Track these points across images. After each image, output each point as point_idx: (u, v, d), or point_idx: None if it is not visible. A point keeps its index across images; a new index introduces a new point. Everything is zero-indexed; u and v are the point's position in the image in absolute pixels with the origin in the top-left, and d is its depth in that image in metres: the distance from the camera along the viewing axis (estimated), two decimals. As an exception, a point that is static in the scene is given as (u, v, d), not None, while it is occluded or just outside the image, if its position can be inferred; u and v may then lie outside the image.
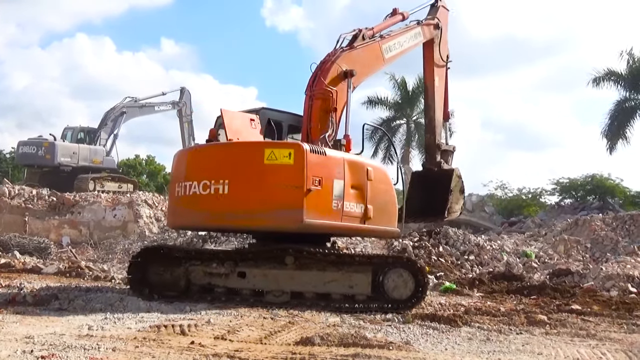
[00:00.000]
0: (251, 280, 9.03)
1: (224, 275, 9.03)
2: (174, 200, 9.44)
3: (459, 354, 6.38)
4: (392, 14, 11.90)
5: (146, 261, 9.23)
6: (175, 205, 9.45)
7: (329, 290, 9.00)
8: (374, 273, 9.01)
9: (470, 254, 16.93)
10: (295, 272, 8.98)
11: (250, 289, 9.05)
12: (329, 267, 9.03)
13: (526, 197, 37.89)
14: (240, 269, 9.04)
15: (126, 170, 45.07)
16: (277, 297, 8.91)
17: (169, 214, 10.39)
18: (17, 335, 6.29)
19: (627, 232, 20.24)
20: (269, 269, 9.01)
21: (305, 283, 8.98)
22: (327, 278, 8.98)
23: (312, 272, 9.00)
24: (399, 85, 38.75)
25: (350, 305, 8.94)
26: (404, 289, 8.94)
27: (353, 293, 8.99)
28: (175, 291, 9.06)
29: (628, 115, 33.07)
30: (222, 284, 9.06)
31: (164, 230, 21.69)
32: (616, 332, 8.10)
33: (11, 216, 21.78)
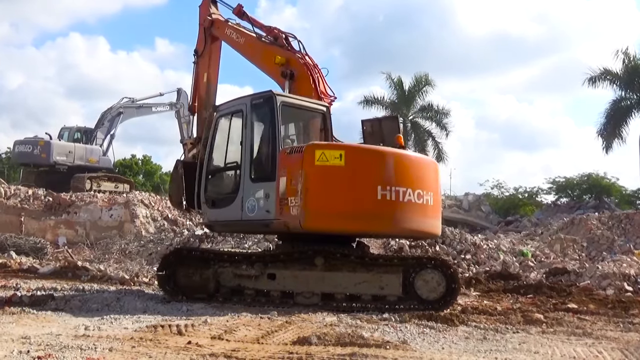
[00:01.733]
0: (281, 281, 9.10)
1: (254, 277, 9.13)
2: (379, 204, 8.70)
3: (456, 353, 6.38)
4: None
5: (175, 263, 9.36)
6: (385, 210, 8.76)
7: (359, 292, 8.99)
8: (405, 274, 8.95)
9: (467, 253, 16.95)
10: (326, 273, 9.00)
11: (280, 291, 9.11)
12: (359, 268, 9.00)
13: (522, 197, 38.02)
14: (270, 270, 9.11)
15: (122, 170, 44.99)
16: (308, 298, 8.98)
17: (361, 218, 8.80)
18: (14, 335, 6.27)
19: (623, 231, 20.31)
20: (299, 271, 9.06)
21: (336, 285, 9.00)
22: (358, 279, 8.98)
23: (342, 273, 9.01)
24: (396, 84, 38.77)
25: (381, 306, 8.86)
26: (435, 290, 8.91)
27: (384, 294, 8.95)
28: (204, 293, 9.18)
29: (624, 114, 33.13)
30: (251, 285, 9.15)
31: (161, 230, 21.68)
32: (612, 331, 8.11)
33: (7, 216, 21.73)
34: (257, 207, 9.11)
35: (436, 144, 38.08)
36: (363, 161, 8.82)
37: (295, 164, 8.72)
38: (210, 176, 10.11)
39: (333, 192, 8.69)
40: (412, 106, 39.02)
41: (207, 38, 12.46)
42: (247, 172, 9.35)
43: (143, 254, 17.27)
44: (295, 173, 8.67)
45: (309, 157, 8.64)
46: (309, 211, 8.55)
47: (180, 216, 23.32)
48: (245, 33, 11.88)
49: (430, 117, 38.71)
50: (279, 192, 8.82)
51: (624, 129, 33.17)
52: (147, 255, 17.02)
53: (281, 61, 10.50)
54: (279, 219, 8.84)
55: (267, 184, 9.07)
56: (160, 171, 56.77)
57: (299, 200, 8.57)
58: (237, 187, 9.47)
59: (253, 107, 9.56)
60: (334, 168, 8.58)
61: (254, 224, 9.33)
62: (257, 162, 9.52)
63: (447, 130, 38.36)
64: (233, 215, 9.43)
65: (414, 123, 38.85)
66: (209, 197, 9.97)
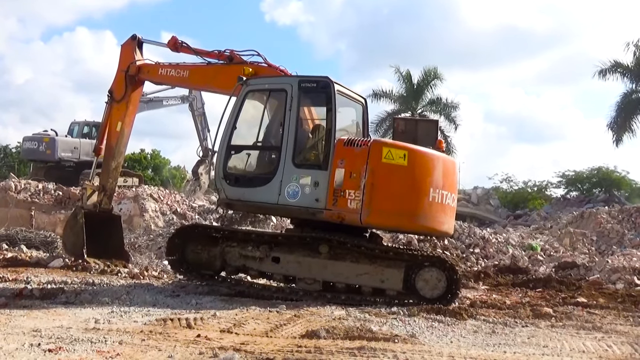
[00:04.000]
0: (284, 265, 9.20)
1: (258, 258, 9.26)
2: (429, 205, 8.93)
3: (465, 347, 6.38)
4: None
5: (185, 240, 9.62)
6: (431, 211, 9.01)
7: (360, 283, 9.02)
8: (407, 270, 8.91)
9: (476, 247, 16.92)
10: (329, 262, 9.05)
11: (282, 275, 9.27)
12: (362, 259, 9.01)
13: (532, 190, 37.81)
14: (275, 254, 9.23)
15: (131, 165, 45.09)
16: (309, 284, 9.07)
17: (414, 217, 8.97)
18: (25, 328, 6.33)
19: (633, 224, 20.17)
20: (303, 257, 9.15)
21: (337, 274, 9.05)
22: (359, 270, 8.99)
23: (345, 263, 9.03)
24: (404, 78, 38.62)
25: (381, 300, 8.88)
26: (435, 287, 8.83)
27: (384, 287, 8.95)
28: (211, 270, 9.48)
29: (634, 107, 32.88)
30: (256, 267, 9.31)
31: (170, 224, 21.75)
32: (622, 325, 8.09)
33: (17, 210, 21.82)
34: (300, 193, 8.97)
35: (445, 138, 37.95)
36: (422, 163, 9.00)
37: (359, 157, 8.71)
38: (233, 152, 9.70)
39: (395, 190, 8.78)
40: (420, 100, 38.89)
41: (129, 85, 12.15)
42: (290, 156, 9.09)
43: (152, 248, 17.31)
44: (358, 167, 8.69)
45: (375, 153, 8.68)
46: (373, 207, 8.66)
47: (190, 210, 23.38)
48: (186, 65, 11.70)
49: (439, 111, 38.56)
50: (334, 182, 8.78)
51: (635, 122, 32.96)
52: (157, 249, 17.05)
53: (251, 73, 10.07)
54: (331, 209, 8.82)
55: (317, 171, 9.00)
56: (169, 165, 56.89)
57: (360, 195, 8.61)
58: (273, 169, 9.23)
59: (302, 89, 9.27)
60: (398, 167, 8.72)
61: (296, 210, 9.12)
62: (304, 147, 9.44)
63: (455, 124, 38.26)
64: (266, 197, 9.21)
65: (423, 117, 38.69)
66: (230, 173, 9.57)
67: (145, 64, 12.22)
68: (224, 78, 10.81)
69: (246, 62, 10.58)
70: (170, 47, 11.97)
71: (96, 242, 12.18)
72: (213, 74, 11.23)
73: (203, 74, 11.53)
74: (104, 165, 12.72)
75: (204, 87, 12.38)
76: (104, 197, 12.53)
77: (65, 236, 12.91)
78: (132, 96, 12.40)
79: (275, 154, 9.36)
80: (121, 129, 12.32)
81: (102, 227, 12.39)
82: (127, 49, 12.33)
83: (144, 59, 12.36)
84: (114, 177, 12.78)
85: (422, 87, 38.53)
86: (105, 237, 12.49)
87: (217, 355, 5.52)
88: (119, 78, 12.28)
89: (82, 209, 12.31)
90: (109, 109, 12.48)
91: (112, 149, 12.44)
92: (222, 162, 9.61)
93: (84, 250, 12.04)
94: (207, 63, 11.39)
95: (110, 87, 12.46)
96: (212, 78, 11.25)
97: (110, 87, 12.47)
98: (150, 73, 12.16)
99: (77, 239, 12.16)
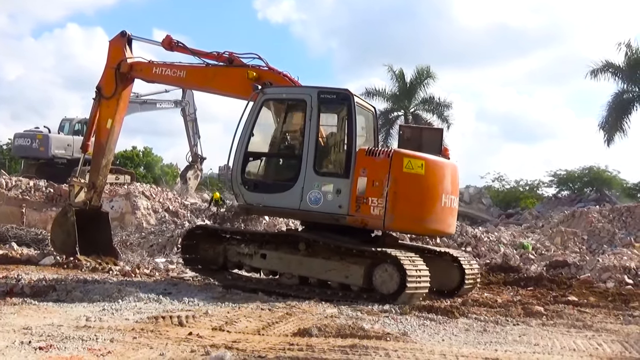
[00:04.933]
0: (270, 261, 9.91)
1: (249, 255, 10.05)
2: (441, 209, 9.56)
3: (456, 345, 6.40)
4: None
5: (197, 239, 10.54)
6: (441, 215, 9.66)
7: (328, 278, 9.41)
8: (367, 267, 9.19)
9: (468, 246, 16.97)
10: (304, 258, 9.59)
11: (268, 270, 10.05)
12: (333, 256, 9.41)
13: (523, 189, 37.98)
14: (263, 251, 9.96)
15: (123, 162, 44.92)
16: (289, 279, 9.70)
17: (429, 220, 9.60)
18: (15, 326, 6.30)
19: (623, 223, 20.28)
20: (284, 253, 9.79)
21: (311, 269, 9.53)
22: (328, 266, 9.38)
23: (317, 259, 9.49)
24: (397, 76, 38.66)
25: (346, 295, 9.17)
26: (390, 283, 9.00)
27: (348, 283, 9.27)
28: (216, 265, 10.38)
29: (625, 107, 33.03)
30: (248, 262, 10.13)
31: (162, 222, 21.69)
32: (612, 324, 8.14)
33: (8, 207, 21.70)
34: (323, 200, 9.42)
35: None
36: (436, 171, 9.59)
37: (381, 167, 9.20)
38: (251, 158, 10.11)
39: (414, 197, 9.35)
40: (413, 98, 38.94)
41: (119, 82, 12.09)
42: (311, 164, 9.52)
43: (144, 246, 17.26)
44: (380, 175, 9.17)
45: (397, 163, 9.19)
46: (396, 213, 9.16)
47: (182, 208, 23.32)
48: (183, 66, 11.73)
49: (431, 110, 38.61)
50: (357, 190, 9.23)
51: (626, 121, 33.12)
52: (148, 247, 17.01)
53: (255, 77, 10.40)
54: (354, 215, 9.26)
55: (339, 179, 9.47)
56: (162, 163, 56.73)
57: (383, 202, 9.09)
58: (294, 175, 9.63)
59: (321, 100, 9.70)
60: (416, 175, 9.28)
61: (318, 215, 9.53)
62: (325, 156, 9.97)
63: (448, 123, 38.29)
64: (287, 203, 9.65)
65: (416, 115, 38.74)
66: (249, 179, 9.98)
67: (138, 62, 12.15)
68: (224, 80, 11.08)
69: (248, 65, 10.79)
70: (165, 46, 11.91)
71: (85, 240, 12.13)
72: (212, 76, 11.35)
73: (202, 75, 11.57)
74: (93, 162, 12.62)
75: (201, 88, 12.35)
76: (94, 195, 12.46)
77: (54, 234, 12.78)
78: (123, 93, 12.33)
79: (296, 162, 9.78)
80: (111, 126, 12.24)
81: (91, 224, 12.34)
82: (117, 45, 12.24)
83: (136, 57, 12.29)
84: (104, 175, 12.72)
85: (415, 86, 38.55)
86: (93, 234, 12.43)
87: (209, 353, 5.51)
88: (109, 75, 12.19)
89: (72, 207, 12.23)
90: (97, 105, 12.38)
91: (103, 146, 12.36)
92: (239, 168, 9.95)
93: (76, 248, 11.98)
94: (205, 64, 11.41)
95: (98, 83, 12.34)
96: (212, 79, 11.35)
97: (98, 83, 12.35)
98: (144, 71, 12.11)
99: (68, 237, 12.09)
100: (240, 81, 10.63)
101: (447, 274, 10.20)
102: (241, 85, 10.65)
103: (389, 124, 38.11)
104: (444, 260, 10.31)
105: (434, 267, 9.73)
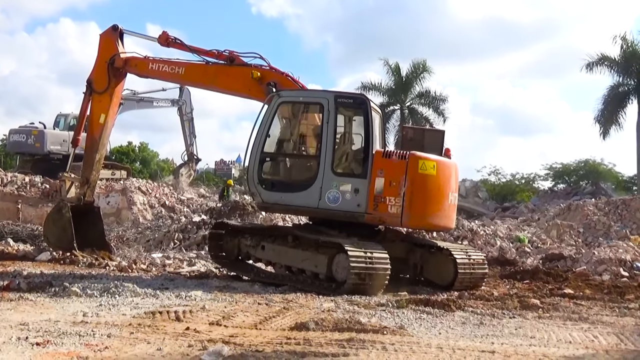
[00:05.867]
0: (267, 253, 10.61)
1: (252, 247, 10.77)
2: (448, 206, 10.19)
3: (453, 338, 6.42)
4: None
5: (219, 233, 11.36)
6: (448, 211, 10.28)
7: (304, 267, 9.98)
8: (330, 256, 9.62)
9: (464, 239, 17.00)
10: (291, 250, 10.17)
11: (266, 260, 10.78)
12: (310, 247, 9.96)
13: (519, 183, 38.05)
14: (263, 243, 10.64)
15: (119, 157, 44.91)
16: (279, 269, 10.43)
17: (438, 217, 10.22)
18: (12, 322, 6.29)
19: (619, 216, 20.33)
20: (277, 245, 10.43)
21: (292, 259, 10.17)
22: (303, 256, 9.98)
23: (296, 250, 10.12)
24: (393, 70, 38.62)
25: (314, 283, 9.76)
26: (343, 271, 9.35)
27: (317, 272, 9.77)
28: (232, 257, 11.12)
29: (621, 100, 33.10)
30: (253, 253, 10.88)
31: (158, 217, 21.68)
32: (608, 316, 8.17)
33: (4, 203, 21.65)
34: (341, 199, 9.85)
35: (434, 131, 38.00)
36: (445, 172, 10.17)
37: (398, 168, 9.72)
38: (268, 158, 10.46)
39: (428, 196, 9.94)
40: (409, 92, 38.91)
41: (112, 76, 12.02)
42: (329, 165, 9.94)
43: (141, 241, 17.26)
44: (397, 176, 9.69)
45: (413, 165, 9.72)
46: (412, 212, 9.70)
47: (178, 203, 23.31)
48: (181, 62, 11.71)
49: (427, 104, 38.62)
50: (374, 190, 9.71)
51: (621, 115, 33.20)
52: (145, 242, 17.01)
53: (259, 77, 10.61)
54: (372, 213, 9.75)
55: (356, 179, 9.93)
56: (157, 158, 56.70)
57: (400, 201, 9.61)
58: (313, 176, 10.05)
59: (338, 104, 10.11)
60: (429, 176, 9.88)
61: (337, 213, 9.96)
62: (343, 157, 10.38)
63: (444, 117, 38.31)
64: (306, 201, 10.06)
65: (412, 109, 38.77)
66: (266, 179, 10.35)
67: (133, 57, 12.09)
68: (226, 78, 11.24)
69: (250, 65, 10.93)
70: (161, 43, 11.85)
71: (78, 235, 12.10)
72: (213, 74, 11.43)
73: (202, 73, 11.59)
74: (86, 157, 12.55)
75: (200, 85, 12.32)
76: (87, 190, 12.41)
77: (47, 230, 12.70)
78: (117, 90, 12.27)
79: (314, 162, 10.24)
80: (105, 121, 12.17)
81: (83, 220, 12.31)
82: (108, 39, 12.14)
83: (131, 52, 12.22)
84: (97, 170, 12.67)
85: (411, 80, 38.53)
86: (86, 229, 12.40)
87: (206, 347, 5.52)
88: (101, 69, 12.11)
89: (67, 203, 12.19)
90: (88, 99, 12.29)
91: (96, 141, 12.29)
92: (256, 168, 10.31)
93: (74, 244, 11.95)
94: (205, 62, 11.40)
95: (88, 77, 12.24)
96: (213, 77, 11.44)
97: (88, 77, 12.25)
98: (139, 67, 12.06)
99: (64, 232, 12.05)
100: (244, 80, 10.85)
101: (445, 267, 10.33)
102: (245, 85, 10.88)
103: (385, 118, 38.06)
104: (442, 255, 10.46)
105: (434, 262, 10.42)
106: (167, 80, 13.01)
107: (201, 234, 16.39)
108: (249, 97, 11.17)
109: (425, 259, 10.53)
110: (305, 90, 10.83)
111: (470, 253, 10.77)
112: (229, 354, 5.33)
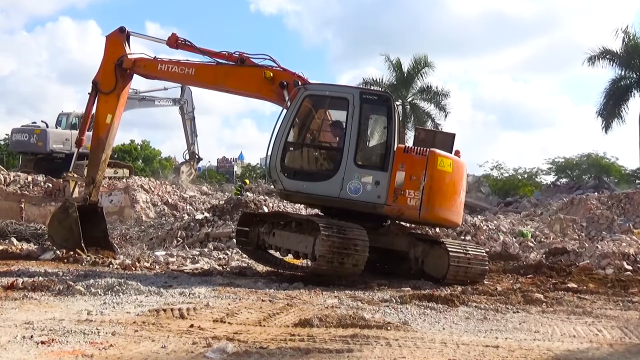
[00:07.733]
0: (276, 239, 11.02)
1: (265, 233, 11.12)
2: (459, 203, 10.81)
3: (457, 333, 6.43)
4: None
5: (244, 224, 11.75)
6: (458, 208, 10.88)
7: (298, 249, 10.51)
8: (315, 238, 10.01)
9: (467, 235, 17.01)
10: (292, 234, 10.63)
11: (275, 245, 11.18)
12: (305, 231, 10.41)
13: (522, 177, 38.05)
14: (273, 230, 11.04)
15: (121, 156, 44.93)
16: (284, 252, 10.98)
17: (451, 212, 10.71)
18: (17, 321, 6.31)
19: (622, 210, 20.34)
20: (282, 231, 10.89)
21: (291, 243, 10.65)
22: (298, 239, 10.49)
23: (294, 234, 10.58)
24: (394, 66, 38.54)
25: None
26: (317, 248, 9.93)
27: (306, 252, 10.26)
28: (253, 245, 11.45)
29: (623, 93, 33.04)
30: (266, 240, 11.22)
31: (161, 215, 21.72)
32: (612, 310, 8.18)
33: (7, 203, 21.72)
34: (362, 190, 10.21)
35: (435, 126, 37.96)
36: (459, 170, 10.73)
37: (418, 163, 10.18)
38: (291, 148, 10.83)
39: (444, 192, 10.46)
40: (411, 88, 38.84)
41: (119, 77, 12.01)
42: (352, 157, 10.28)
43: (144, 239, 17.30)
44: (417, 171, 10.15)
45: (433, 161, 10.22)
46: (430, 206, 10.18)
47: (181, 200, 23.35)
48: (191, 63, 11.75)
49: (429, 99, 38.54)
50: (395, 183, 10.10)
51: (624, 108, 33.13)
52: (148, 240, 17.04)
53: (271, 77, 10.87)
54: (391, 205, 10.14)
55: (378, 172, 10.27)
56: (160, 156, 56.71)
57: (419, 194, 10.07)
58: (335, 166, 10.42)
59: (363, 100, 10.45)
60: (446, 173, 10.42)
61: (358, 204, 10.28)
62: (366, 151, 10.85)
63: (446, 112, 38.24)
64: (327, 191, 10.39)
65: (413, 105, 38.68)
66: (288, 167, 10.67)
67: (142, 59, 12.10)
68: (238, 79, 11.41)
69: (262, 66, 11.13)
70: (170, 45, 11.85)
71: (83, 235, 12.12)
72: (224, 75, 11.57)
73: (213, 73, 11.70)
74: (92, 157, 12.54)
75: (211, 86, 12.36)
76: (93, 190, 12.43)
77: (52, 230, 12.68)
78: (124, 91, 12.28)
79: (337, 154, 10.56)
80: (111, 121, 12.17)
81: (88, 220, 12.32)
82: (115, 41, 12.13)
83: (140, 53, 12.20)
84: (103, 170, 12.67)
85: (412, 75, 38.43)
86: (90, 229, 12.41)
87: (211, 345, 5.53)
88: (108, 70, 12.09)
89: (73, 203, 12.20)
90: (93, 100, 12.27)
91: (102, 141, 12.28)
92: (279, 157, 10.60)
93: (82, 244, 11.96)
94: (216, 63, 11.51)
95: (94, 78, 12.22)
96: (224, 78, 11.59)
97: (94, 77, 12.24)
98: (148, 68, 12.10)
99: (70, 233, 12.06)
100: (257, 81, 11.08)
101: (440, 260, 10.48)
102: (257, 85, 11.12)
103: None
104: (440, 249, 10.62)
105: (433, 255, 10.62)
106: (177, 81, 13.03)
107: (204, 231, 16.42)
108: (260, 96, 11.49)
109: (427, 253, 10.66)
110: (331, 85, 11.30)
111: (469, 248, 10.87)
112: (233, 351, 5.35)
